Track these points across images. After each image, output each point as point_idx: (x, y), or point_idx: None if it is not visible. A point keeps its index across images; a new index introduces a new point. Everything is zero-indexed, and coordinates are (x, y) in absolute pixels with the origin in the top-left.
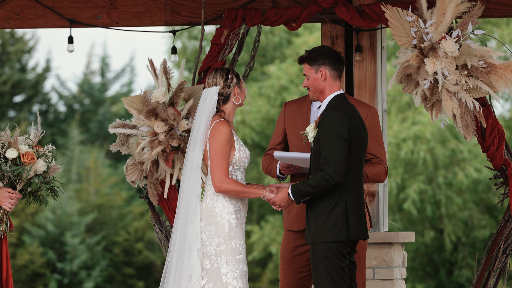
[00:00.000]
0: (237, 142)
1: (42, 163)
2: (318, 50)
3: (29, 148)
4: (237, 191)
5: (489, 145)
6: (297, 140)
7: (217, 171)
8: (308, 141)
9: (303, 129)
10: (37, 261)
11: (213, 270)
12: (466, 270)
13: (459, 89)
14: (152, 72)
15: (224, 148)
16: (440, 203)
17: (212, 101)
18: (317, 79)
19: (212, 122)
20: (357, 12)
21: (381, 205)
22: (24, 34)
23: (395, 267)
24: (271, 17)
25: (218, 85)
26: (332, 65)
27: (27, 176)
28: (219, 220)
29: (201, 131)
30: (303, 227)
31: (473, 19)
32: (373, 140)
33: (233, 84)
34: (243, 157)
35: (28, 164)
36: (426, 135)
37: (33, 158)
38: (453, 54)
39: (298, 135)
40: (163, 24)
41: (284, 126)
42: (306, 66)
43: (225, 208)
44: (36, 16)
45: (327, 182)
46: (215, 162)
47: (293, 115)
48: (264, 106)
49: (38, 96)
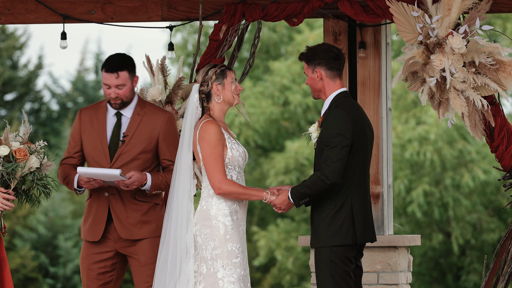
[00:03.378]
0: (229, 141)
1: (35, 159)
2: (315, 49)
3: (21, 145)
4: (238, 192)
5: (498, 145)
6: (93, 149)
7: (213, 173)
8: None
9: (99, 137)
10: (28, 265)
11: (210, 275)
12: (474, 275)
13: (466, 87)
14: (148, 69)
15: (215, 148)
16: (447, 205)
17: (194, 99)
18: (314, 79)
19: (200, 122)
20: (361, 7)
21: (386, 207)
22: (16, 30)
23: (400, 271)
24: (271, 12)
25: (199, 82)
26: (328, 65)
27: (22, 173)
28: (214, 223)
29: (187, 131)
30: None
31: (481, 14)
32: (171, 147)
33: (211, 81)
34: (236, 155)
35: (22, 161)
36: (431, 136)
37: (26, 154)
38: (460, 51)
39: (95, 143)
40: (160, 19)
41: (80, 134)
42: (304, 64)
43: (219, 210)
44: (28, 11)
45: (322, 182)
46: (210, 164)
47: (89, 122)
48: (268, 107)
49: (30, 94)
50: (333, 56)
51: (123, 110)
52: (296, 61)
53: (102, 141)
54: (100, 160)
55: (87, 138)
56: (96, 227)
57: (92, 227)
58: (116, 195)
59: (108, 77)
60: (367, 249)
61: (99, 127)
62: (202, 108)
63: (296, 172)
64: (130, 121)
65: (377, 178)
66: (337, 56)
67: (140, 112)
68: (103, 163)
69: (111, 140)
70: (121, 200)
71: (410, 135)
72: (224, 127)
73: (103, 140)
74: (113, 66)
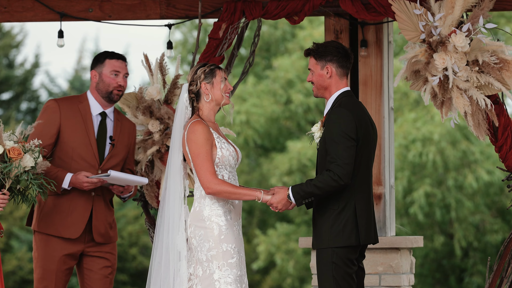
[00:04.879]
0: (218, 140)
1: (30, 158)
2: (326, 45)
3: (15, 144)
4: (228, 192)
5: (502, 145)
6: (81, 145)
7: (201, 173)
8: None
9: (87, 134)
10: (25, 267)
11: (206, 277)
12: (477, 277)
13: (470, 86)
14: (147, 68)
15: (202, 148)
16: (449, 206)
17: (183, 99)
18: (322, 76)
19: (189, 123)
20: (363, 5)
21: (388, 208)
22: (12, 28)
23: (403, 273)
24: (271, 10)
25: (188, 81)
26: (340, 63)
27: (19, 171)
28: (208, 224)
29: (177, 131)
30: (77, 235)
31: (484, 12)
32: (132, 157)
33: (200, 80)
34: (226, 155)
35: (16, 160)
36: (435, 136)
37: (20, 153)
38: (463, 49)
39: (83, 140)
40: (158, 17)
41: (59, 126)
42: (312, 60)
43: (213, 210)
44: (25, 9)
45: (335, 182)
46: (198, 164)
47: (72, 115)
48: (270, 106)
49: (26, 93)
50: (345, 54)
51: (108, 110)
52: (300, 57)
53: (91, 139)
54: (89, 159)
55: (71, 132)
56: (77, 224)
57: (72, 224)
58: (101, 196)
59: (119, 64)
60: (369, 250)
61: (87, 123)
62: (192, 108)
63: (299, 173)
64: (115, 125)
65: (379, 179)
66: (348, 54)
67: (118, 117)
68: (92, 162)
69: (97, 140)
70: (103, 201)
71: (415, 135)
72: (213, 127)
73: (91, 138)
74: (121, 55)
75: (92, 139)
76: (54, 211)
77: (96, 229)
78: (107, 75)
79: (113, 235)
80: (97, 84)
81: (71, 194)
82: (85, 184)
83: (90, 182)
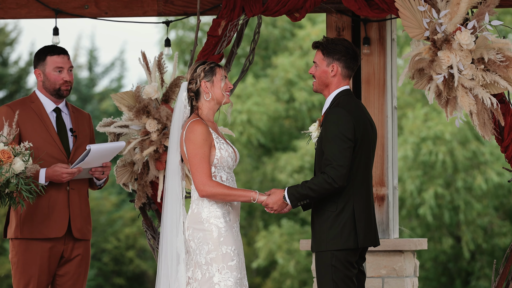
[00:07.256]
0: (217, 141)
1: (20, 162)
2: (337, 43)
3: (5, 146)
4: (223, 194)
5: (508, 145)
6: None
7: (197, 174)
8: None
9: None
10: None
11: (206, 280)
12: (484, 280)
13: (475, 85)
14: (144, 66)
15: (200, 149)
16: (458, 208)
17: (182, 98)
18: (326, 73)
19: (187, 122)
20: (365, 1)
21: (391, 210)
22: (6, 25)
23: (406, 276)
24: (272, 6)
25: (187, 80)
26: (347, 63)
27: (10, 175)
28: (207, 226)
29: (175, 131)
30: (63, 233)
31: (490, 9)
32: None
33: (200, 79)
34: (225, 156)
35: (5, 163)
36: (446, 136)
37: (10, 157)
38: (468, 47)
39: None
40: (156, 14)
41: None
42: (319, 54)
43: (211, 212)
44: (19, 5)
45: (329, 185)
46: (194, 165)
47: (27, 117)
48: (272, 104)
49: (20, 92)
50: (354, 56)
51: (61, 105)
52: (300, 56)
53: (53, 135)
54: (57, 155)
55: (31, 133)
56: (60, 222)
57: (55, 222)
58: (75, 189)
59: (60, 59)
60: (372, 253)
61: (45, 121)
62: (191, 107)
63: (309, 172)
64: (71, 117)
65: (381, 180)
66: (357, 56)
67: (73, 109)
68: (60, 158)
69: (59, 135)
70: (78, 195)
71: (425, 133)
72: (212, 127)
73: (53, 135)
74: (62, 49)
75: (54, 135)
76: (34, 213)
77: (74, 223)
78: (51, 73)
79: (88, 231)
80: (43, 83)
81: (48, 192)
82: (64, 175)
83: (70, 173)
